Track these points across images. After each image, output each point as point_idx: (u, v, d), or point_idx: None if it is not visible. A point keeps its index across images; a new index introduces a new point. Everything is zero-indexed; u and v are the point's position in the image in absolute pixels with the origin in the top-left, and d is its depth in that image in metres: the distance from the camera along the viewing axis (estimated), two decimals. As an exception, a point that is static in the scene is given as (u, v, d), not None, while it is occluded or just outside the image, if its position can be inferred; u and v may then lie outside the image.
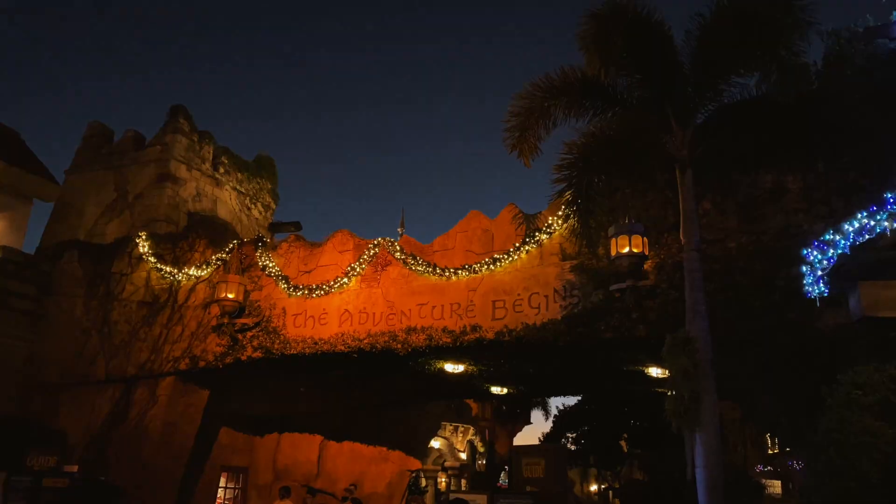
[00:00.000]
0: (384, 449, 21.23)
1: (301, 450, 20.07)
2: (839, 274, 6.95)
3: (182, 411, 14.37)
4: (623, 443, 27.70)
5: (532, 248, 11.37)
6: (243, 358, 13.37)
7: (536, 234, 11.32)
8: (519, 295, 11.26)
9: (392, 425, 20.74)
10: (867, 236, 6.32)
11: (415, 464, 23.18)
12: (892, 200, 5.92)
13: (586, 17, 8.75)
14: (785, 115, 8.78)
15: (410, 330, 11.97)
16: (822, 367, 7.94)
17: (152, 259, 15.04)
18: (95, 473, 12.50)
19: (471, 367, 13.21)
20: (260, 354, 13.24)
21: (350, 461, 20.78)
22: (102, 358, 14.68)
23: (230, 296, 13.38)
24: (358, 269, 12.83)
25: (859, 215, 6.27)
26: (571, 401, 29.03)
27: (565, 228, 10.86)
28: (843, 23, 9.70)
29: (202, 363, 13.73)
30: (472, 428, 30.23)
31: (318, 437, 20.25)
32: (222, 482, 18.64)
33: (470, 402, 26.70)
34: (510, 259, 11.46)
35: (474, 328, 11.46)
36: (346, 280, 12.85)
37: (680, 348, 8.23)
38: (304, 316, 13.09)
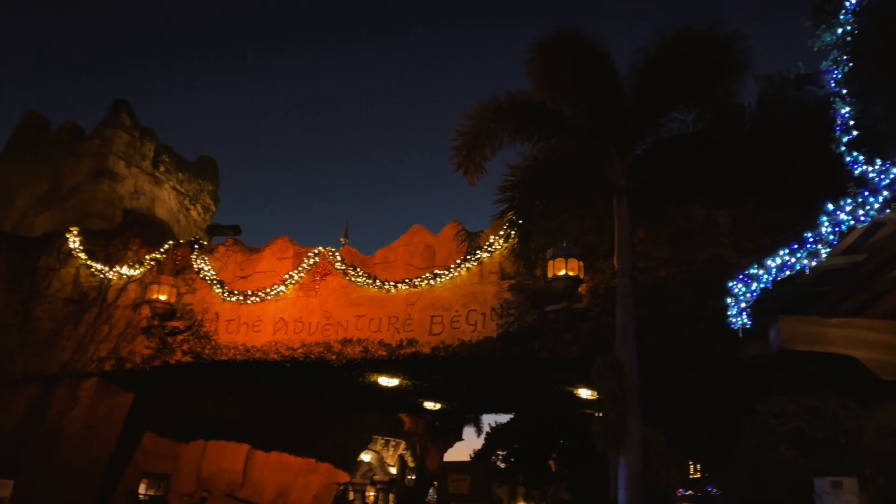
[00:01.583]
0: (313, 460, 20.92)
1: (227, 458, 19.62)
2: (761, 307, 7.24)
3: (104, 414, 13.89)
4: (552, 462, 28.01)
5: (472, 265, 11.49)
6: (172, 362, 13.04)
7: (477, 252, 11.46)
8: (457, 311, 11.34)
9: (322, 437, 20.48)
10: (788, 272, 6.61)
11: (343, 477, 22.92)
12: (811, 240, 6.23)
13: (535, 43, 8.98)
14: (719, 152, 9.18)
15: (346, 341, 11.90)
16: (743, 395, 8.27)
17: (83, 255, 14.54)
18: (7, 476, 11.91)
19: (405, 382, 13.21)
20: (189, 359, 12.94)
21: (277, 472, 20.41)
22: (21, 355, 14.05)
23: (162, 297, 13.05)
24: (296, 278, 12.70)
25: (781, 252, 6.56)
26: (504, 418, 29.23)
27: (505, 248, 11.06)
28: (777, 68, 10.20)
29: (128, 365, 13.32)
30: (403, 442, 30.08)
31: (246, 446, 19.83)
32: (142, 489, 18.05)
33: (403, 416, 26.60)
34: (450, 275, 11.55)
35: (411, 342, 11.49)
36: (283, 288, 12.70)
37: (609, 371, 8.46)
38: (237, 322, 12.87)
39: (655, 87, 9.09)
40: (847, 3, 7.99)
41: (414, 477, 27.34)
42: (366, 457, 29.67)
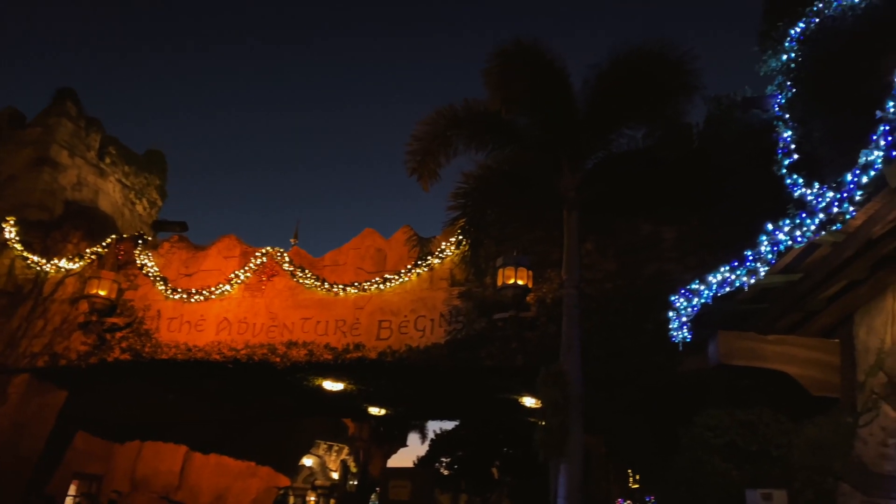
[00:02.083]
0: (253, 464, 20.57)
1: (163, 460, 19.12)
2: (701, 322, 7.40)
3: (34, 412, 13.37)
4: (495, 470, 28.14)
5: (423, 271, 11.49)
6: (109, 359, 12.65)
7: (428, 257, 11.47)
8: (406, 317, 11.32)
9: (263, 440, 20.15)
10: (728, 289, 6.78)
11: (284, 481, 22.60)
12: (750, 258, 6.41)
13: (493, 54, 9.05)
14: (666, 169, 9.40)
15: (291, 344, 11.75)
16: (682, 408, 8.45)
17: (18, 246, 14.01)
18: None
19: (350, 386, 13.09)
20: (128, 357, 12.58)
21: (215, 474, 20.00)
22: (-52, 348, 13.44)
23: (102, 293, 12.67)
24: (242, 277, 12.49)
25: (722, 269, 6.73)
26: (449, 425, 29.26)
27: (456, 255, 11.11)
28: (725, 90, 10.50)
29: (63, 361, 12.87)
30: (346, 447, 29.79)
31: (183, 448, 19.36)
32: (72, 490, 17.44)
33: (347, 421, 26.40)
34: (400, 280, 11.52)
35: (358, 347, 11.41)
36: (228, 287, 12.47)
37: (553, 380, 8.55)
38: (179, 320, 12.57)
39: (608, 103, 9.26)
40: (792, 32, 8.29)
41: (356, 482, 27.14)
42: (308, 461, 29.28)
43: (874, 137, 5.17)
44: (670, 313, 7.58)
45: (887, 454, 6.22)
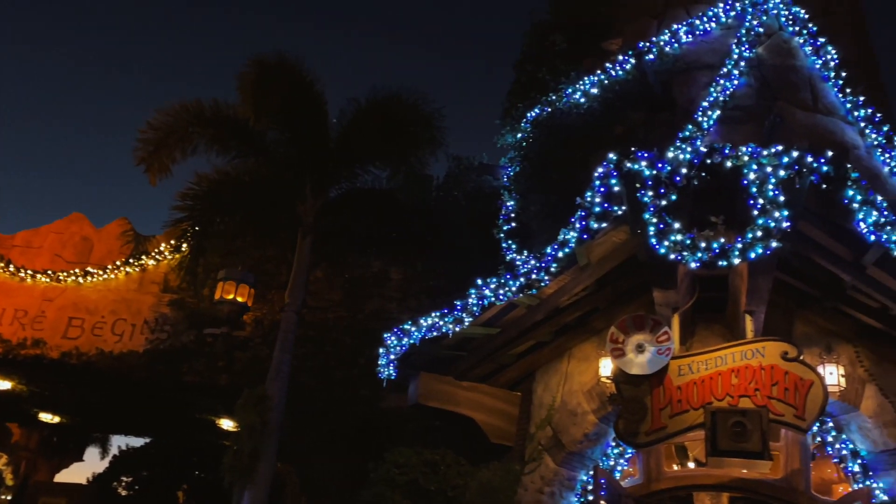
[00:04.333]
0: None
1: None
2: (408, 362, 7.73)
3: None
4: (181, 493, 26.37)
5: (134, 270, 10.62)
6: None
7: (143, 257, 10.64)
8: (103, 317, 10.32)
9: None
10: (435, 333, 7.20)
11: None
12: (459, 308, 6.90)
13: (252, 60, 8.78)
14: (403, 214, 9.85)
15: (-51, 329, 9.99)
16: (378, 443, 8.67)
17: None
18: None
19: (21, 387, 11.47)
20: None
21: None
22: None
23: None
24: None
25: (433, 314, 7.14)
26: (138, 442, 26.85)
27: (175, 259, 10.40)
28: (466, 152, 11.35)
29: None
30: (5, 456, 25.79)
31: None
32: None
33: (12, 426, 22.97)
34: (105, 276, 10.53)
35: (37, 343, 10.12)
36: None
37: (254, 404, 8.28)
38: None
39: (360, 139, 9.47)
40: (528, 114, 9.27)
41: (10, 497, 23.63)
42: (-51, 470, 24.73)
43: (573, 220, 5.92)
44: (381, 350, 7.80)
45: (542, 501, 6.98)
